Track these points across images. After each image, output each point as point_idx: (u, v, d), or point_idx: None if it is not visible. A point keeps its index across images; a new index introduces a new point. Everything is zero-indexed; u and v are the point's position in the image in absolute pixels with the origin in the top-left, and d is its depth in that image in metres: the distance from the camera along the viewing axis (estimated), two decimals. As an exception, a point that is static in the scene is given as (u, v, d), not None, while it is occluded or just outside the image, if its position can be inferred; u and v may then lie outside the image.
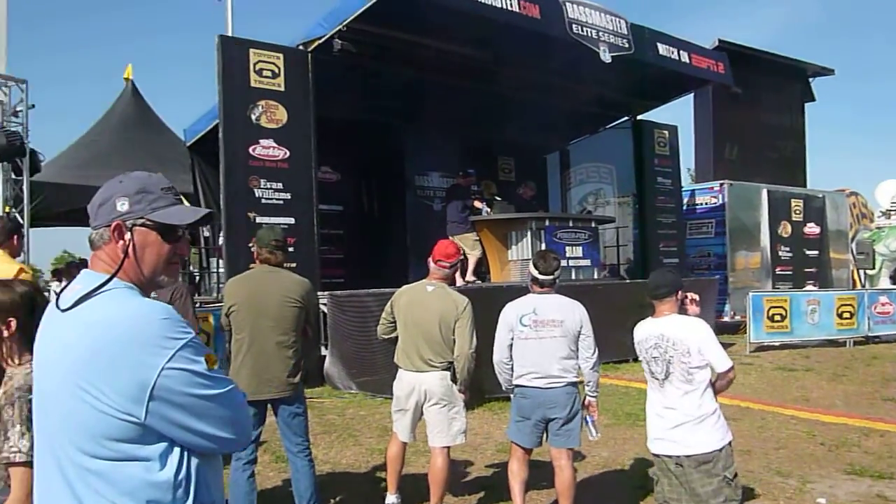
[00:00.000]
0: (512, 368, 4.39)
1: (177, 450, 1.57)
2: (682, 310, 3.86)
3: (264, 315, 4.32)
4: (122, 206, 1.68)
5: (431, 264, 4.67)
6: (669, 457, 3.71)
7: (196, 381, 1.55)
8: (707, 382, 3.69)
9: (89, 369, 1.50)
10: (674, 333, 3.74)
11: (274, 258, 4.48)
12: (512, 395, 4.50)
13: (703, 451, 3.62)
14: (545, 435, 4.39)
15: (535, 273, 4.44)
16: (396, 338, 4.68)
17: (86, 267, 1.76)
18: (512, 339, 4.37)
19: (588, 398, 4.43)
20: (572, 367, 4.32)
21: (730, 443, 3.72)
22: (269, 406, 4.41)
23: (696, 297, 3.96)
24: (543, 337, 4.28)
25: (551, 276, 4.42)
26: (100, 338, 1.52)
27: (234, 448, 1.75)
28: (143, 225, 1.70)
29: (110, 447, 1.51)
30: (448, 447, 4.57)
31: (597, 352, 4.40)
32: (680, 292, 3.82)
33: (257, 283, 4.45)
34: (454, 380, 4.47)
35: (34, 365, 1.71)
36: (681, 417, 3.68)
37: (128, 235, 1.68)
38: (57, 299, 1.62)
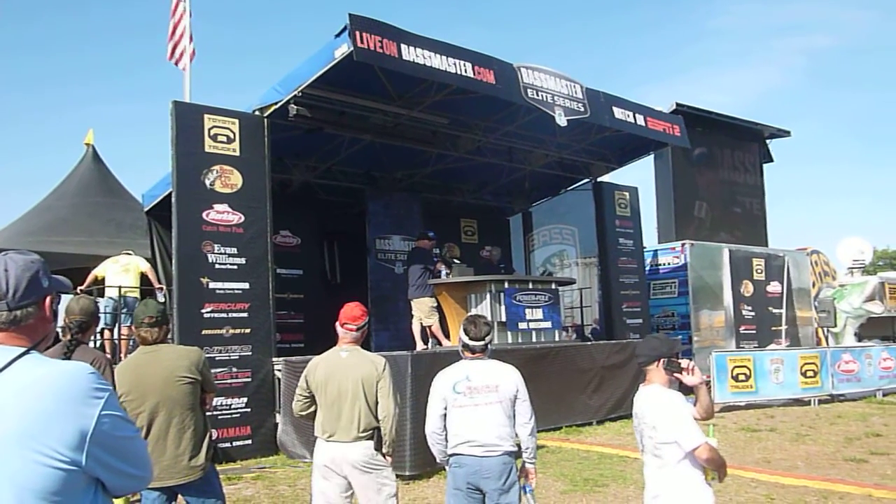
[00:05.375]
0: (446, 438, 4.26)
1: (99, 494, 1.75)
2: (675, 380, 3.67)
3: (151, 400, 4.05)
4: (45, 282, 1.86)
5: (339, 329, 4.54)
6: None
7: (121, 424, 1.76)
8: (679, 457, 3.47)
9: (34, 429, 1.61)
10: (645, 406, 3.62)
11: (151, 336, 4.19)
12: (447, 467, 4.35)
13: None
14: None
15: (466, 339, 4.32)
16: (314, 414, 4.50)
17: None
18: (445, 408, 4.24)
19: (526, 465, 4.29)
20: (509, 435, 4.19)
21: None
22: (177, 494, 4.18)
23: (690, 365, 3.66)
24: (479, 404, 4.16)
25: (482, 342, 4.30)
26: (39, 398, 1.64)
27: (143, 486, 1.93)
28: (57, 294, 1.92)
29: (55, 500, 1.62)
30: (381, 515, 4.39)
31: (534, 417, 4.28)
32: (663, 360, 3.63)
33: (138, 366, 4.16)
34: (378, 447, 4.33)
35: None
36: (657, 490, 3.56)
37: (55, 305, 1.90)
38: None
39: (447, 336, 10.90)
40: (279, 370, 9.43)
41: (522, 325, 10.84)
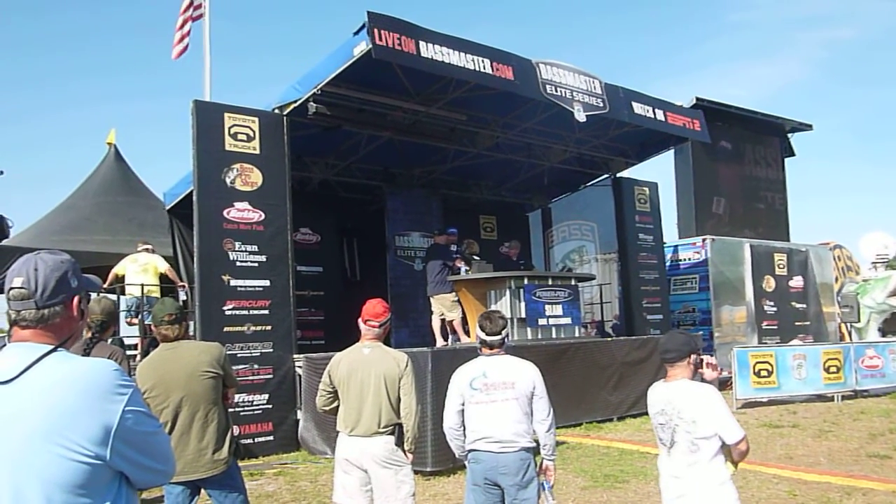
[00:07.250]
0: (464, 434, 4.29)
1: (123, 487, 1.81)
2: (698, 374, 3.72)
3: (175, 395, 4.11)
4: (74, 282, 1.93)
5: (362, 325, 4.59)
6: None
7: (144, 419, 1.83)
8: (715, 452, 3.54)
9: (60, 425, 1.68)
10: (680, 401, 3.63)
11: (172, 333, 4.27)
12: (466, 462, 4.37)
13: None
14: None
15: (483, 335, 4.33)
16: (337, 408, 4.55)
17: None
18: (463, 404, 4.26)
19: (545, 462, 4.30)
20: (526, 432, 4.19)
21: None
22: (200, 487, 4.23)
23: (714, 360, 3.76)
24: (495, 400, 4.17)
25: (499, 337, 4.31)
26: (64, 395, 1.70)
27: (166, 480, 2.03)
28: (86, 294, 1.99)
29: (80, 493, 1.69)
30: (398, 513, 4.42)
31: (552, 413, 4.28)
32: (693, 356, 3.69)
33: (161, 363, 4.21)
34: (398, 443, 4.36)
35: None
36: (685, 487, 3.57)
37: (83, 305, 1.96)
38: None
39: (467, 332, 10.91)
40: (300, 367, 9.49)
41: (542, 322, 10.81)
